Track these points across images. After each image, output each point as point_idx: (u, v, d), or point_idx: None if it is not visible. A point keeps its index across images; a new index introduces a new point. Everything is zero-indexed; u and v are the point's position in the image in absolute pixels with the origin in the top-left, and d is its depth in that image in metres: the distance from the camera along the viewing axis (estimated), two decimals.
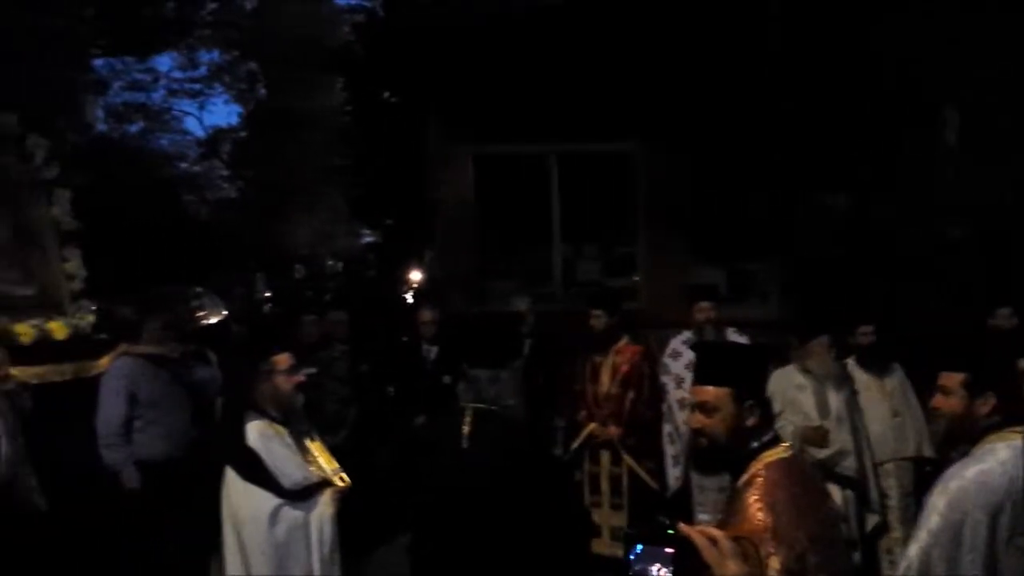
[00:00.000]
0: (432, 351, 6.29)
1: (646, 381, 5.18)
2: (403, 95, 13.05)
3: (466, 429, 3.09)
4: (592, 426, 5.15)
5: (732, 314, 5.74)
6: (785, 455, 2.21)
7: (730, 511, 2.20)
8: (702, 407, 2.25)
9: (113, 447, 4.75)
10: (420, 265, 14.27)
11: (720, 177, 7.77)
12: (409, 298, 13.96)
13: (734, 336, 5.23)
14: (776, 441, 2.24)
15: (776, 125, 7.45)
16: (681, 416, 5.23)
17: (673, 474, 5.24)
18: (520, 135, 7.93)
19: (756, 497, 2.10)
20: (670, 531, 1.52)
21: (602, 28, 7.43)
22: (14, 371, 4.49)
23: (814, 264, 7.59)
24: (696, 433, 2.30)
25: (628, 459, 5.06)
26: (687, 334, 5.37)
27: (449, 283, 8.07)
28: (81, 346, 5.44)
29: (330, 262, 27.52)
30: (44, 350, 5.15)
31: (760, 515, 2.05)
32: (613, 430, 5.08)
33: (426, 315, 6.35)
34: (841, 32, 7.17)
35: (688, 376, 5.19)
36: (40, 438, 4.43)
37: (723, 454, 2.26)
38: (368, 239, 25.48)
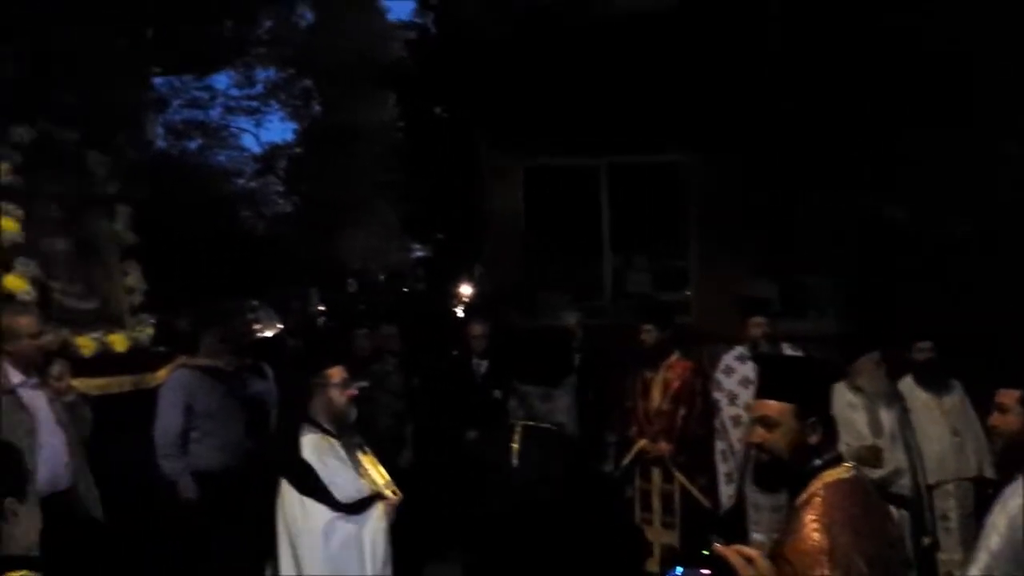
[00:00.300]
0: (483, 365, 6.29)
1: (698, 397, 5.11)
2: (454, 109, 13.14)
3: (516, 447, 3.05)
4: (643, 442, 5.08)
5: (786, 329, 5.64)
6: (847, 475, 2.15)
7: (786, 530, 2.15)
8: (763, 421, 2.21)
9: (170, 458, 4.83)
10: (471, 279, 14.31)
11: (773, 188, 7.65)
12: (460, 312, 14.00)
13: (789, 351, 5.13)
14: (839, 460, 2.18)
15: (831, 134, 7.31)
16: (735, 434, 5.14)
17: (726, 492, 5.14)
18: (570, 147, 7.93)
19: (813, 517, 2.05)
20: (705, 551, 1.49)
21: (651, 40, 7.39)
22: (75, 383, 4.58)
23: (870, 277, 7.41)
24: (757, 448, 2.25)
25: (680, 476, 4.98)
26: (740, 349, 5.29)
27: (499, 296, 8.08)
28: (140, 358, 5.53)
29: (381, 276, 27.79)
30: (105, 362, 5.25)
31: (816, 536, 2.00)
32: (664, 447, 5.01)
33: (476, 329, 6.35)
34: (897, 37, 7.02)
35: (742, 392, 5.12)
36: (99, 449, 4.50)
37: (783, 471, 2.21)
38: (419, 253, 25.66)
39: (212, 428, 4.92)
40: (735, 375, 5.23)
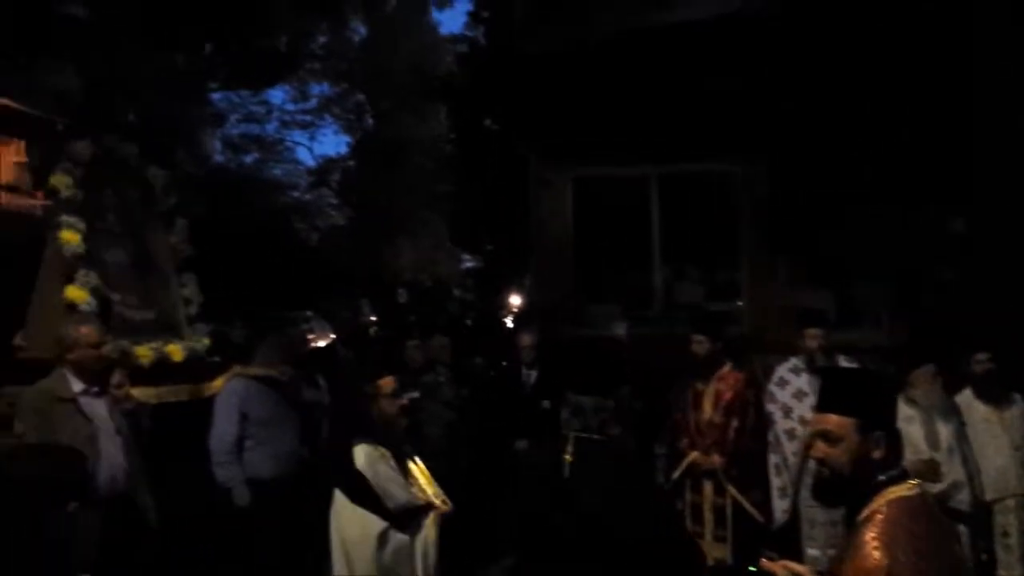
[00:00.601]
0: (532, 376, 6.29)
1: (751, 409, 5.00)
2: (504, 121, 13.21)
3: (568, 459, 3.03)
4: (694, 455, 4.99)
5: (840, 340, 5.50)
6: (911, 493, 2.09)
7: (845, 547, 2.10)
8: (825, 436, 2.16)
9: (225, 465, 4.89)
10: (520, 289, 14.33)
11: (827, 197, 7.51)
12: (509, 322, 14.01)
13: (845, 363, 5.00)
14: (903, 477, 2.12)
15: (886, 141, 7.16)
16: (789, 447, 5.03)
17: (780, 506, 5.01)
18: (620, 158, 7.89)
19: (874, 535, 1.99)
20: (752, 568, 1.46)
21: (703, 49, 7.33)
22: (134, 391, 4.68)
23: (927, 287, 7.23)
24: (818, 463, 2.20)
25: (732, 490, 4.88)
26: (794, 361, 5.18)
27: (548, 307, 8.06)
28: (196, 368, 5.62)
29: (431, 287, 28.00)
30: (162, 371, 5.33)
31: (876, 554, 1.95)
32: (716, 459, 4.92)
33: (525, 339, 6.36)
34: (951, 46, 6.86)
35: (796, 405, 5.02)
36: (156, 456, 4.59)
37: (844, 486, 2.15)
38: (469, 264, 25.82)
39: (266, 436, 4.96)
40: (789, 387, 5.12)
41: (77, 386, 4.07)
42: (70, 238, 5.01)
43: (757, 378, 5.30)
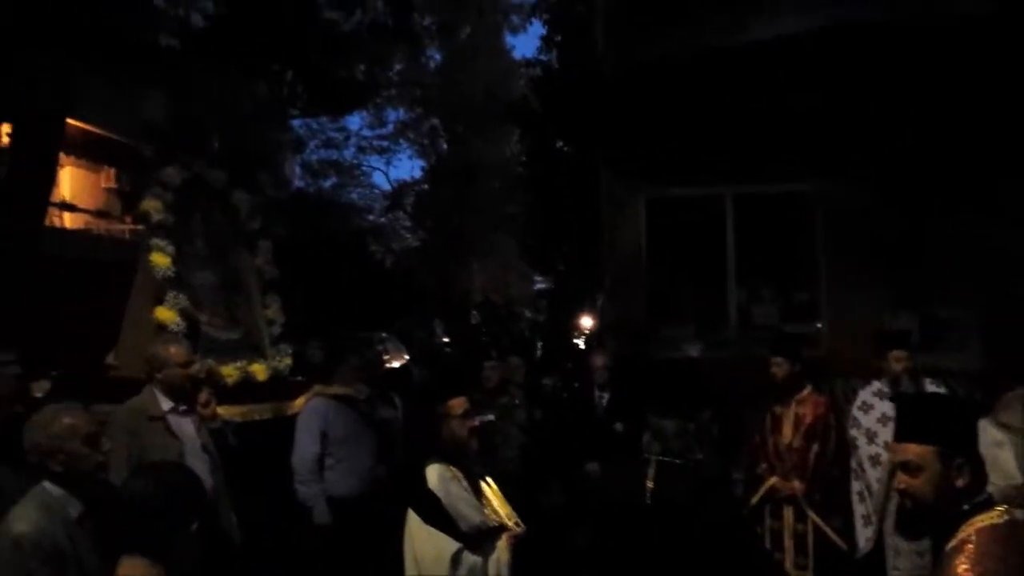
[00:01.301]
0: (604, 398, 6.26)
1: (832, 433, 4.87)
2: (577, 143, 13.26)
3: (650, 484, 2.95)
4: (773, 480, 4.89)
5: (926, 363, 5.32)
6: (1000, 520, 2.01)
7: None
8: (905, 466, 2.10)
9: (306, 483, 4.99)
10: (592, 311, 14.28)
11: (909, 215, 7.31)
12: (581, 344, 13.97)
13: (931, 387, 4.84)
14: (990, 504, 2.05)
15: (973, 158, 6.93)
16: (874, 474, 4.86)
17: (864, 535, 4.84)
18: (694, 178, 7.83)
19: (965, 566, 1.93)
20: None
21: (778, 68, 7.24)
22: (219, 410, 4.80)
23: (1016, 308, 6.93)
24: (900, 494, 2.14)
25: (813, 516, 4.75)
26: (877, 384, 5.02)
27: (620, 328, 8.02)
28: (279, 387, 5.71)
29: (504, 308, 28.12)
30: (247, 390, 5.43)
31: None
32: (796, 485, 4.80)
33: (598, 361, 6.33)
34: None
35: (880, 430, 4.85)
36: (240, 474, 4.71)
37: (930, 517, 2.10)
38: (541, 285, 25.87)
39: (345, 455, 5.05)
40: (873, 412, 4.95)
41: (166, 404, 4.18)
42: (160, 261, 5.17)
43: (838, 401, 5.18)
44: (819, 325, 7.68)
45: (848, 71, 7.13)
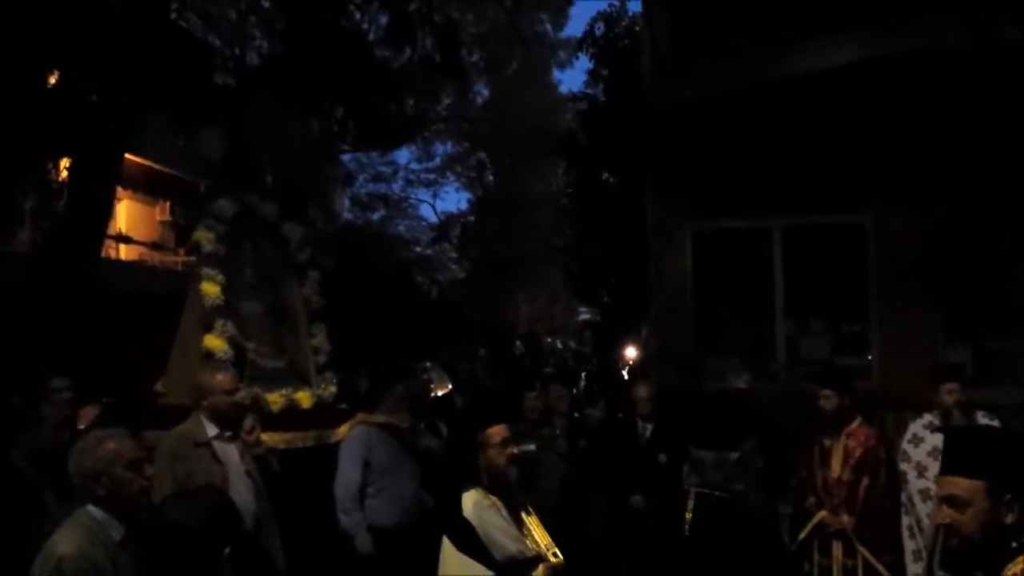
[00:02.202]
0: (648, 428, 6.20)
1: (882, 467, 4.75)
2: (622, 175, 13.29)
3: (689, 515, 2.87)
4: (822, 514, 4.77)
5: (978, 398, 5.18)
6: None
7: None
8: (951, 501, 2.03)
9: (349, 512, 4.97)
10: (636, 342, 14.19)
11: (964, 247, 7.15)
12: (625, 375, 13.86)
13: (984, 420, 4.71)
14: None
15: None
16: (924, 508, 4.73)
17: (913, 571, 4.70)
18: (741, 209, 7.78)
19: None
20: None
21: (825, 100, 7.19)
22: (264, 436, 4.86)
23: None
24: (945, 530, 2.08)
25: (864, 551, 4.63)
26: (928, 417, 4.90)
27: (664, 360, 7.94)
28: (323, 415, 5.74)
29: (548, 339, 28.11)
30: (291, 418, 5.48)
31: None
32: (846, 519, 4.69)
33: (642, 392, 6.28)
34: None
35: (931, 464, 4.73)
36: (283, 500, 4.73)
37: (976, 554, 2.02)
38: (586, 316, 25.83)
39: (388, 483, 5.03)
40: (923, 445, 4.84)
41: (211, 431, 4.23)
42: (210, 290, 5.29)
43: (889, 435, 5.06)
44: (869, 358, 7.53)
45: (898, 101, 7.06)
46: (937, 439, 4.77)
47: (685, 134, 7.84)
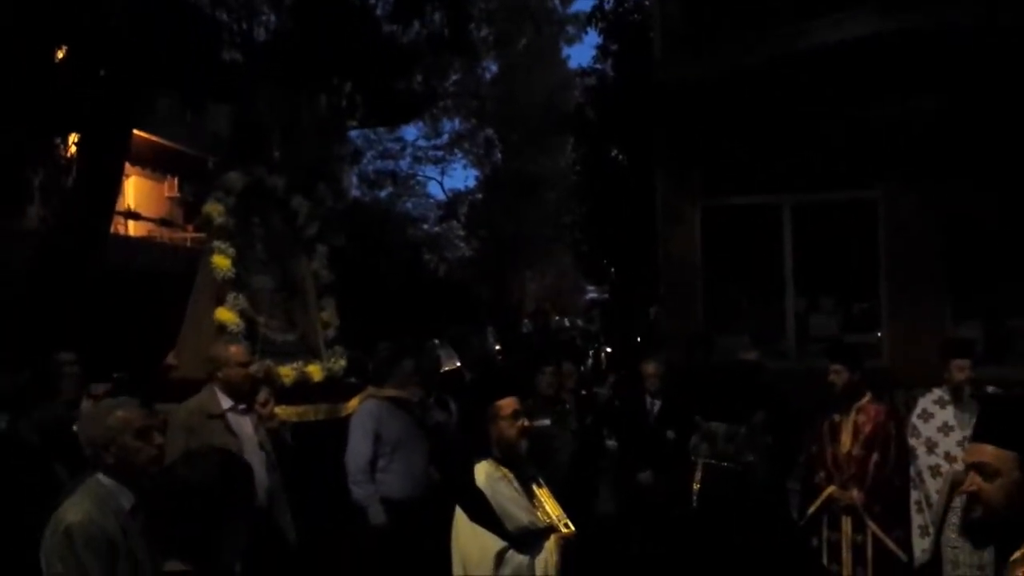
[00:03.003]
0: (656, 405, 6.21)
1: (892, 442, 4.74)
2: (633, 152, 13.22)
3: (696, 487, 2.84)
4: (831, 489, 4.77)
5: (989, 375, 5.18)
6: None
7: None
8: (980, 469, 1.99)
9: (361, 484, 5.01)
10: (645, 320, 14.19)
11: (975, 224, 7.11)
12: (633, 353, 13.85)
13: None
14: None
15: None
16: (933, 484, 4.73)
17: (920, 545, 4.70)
18: (751, 186, 7.75)
19: None
20: None
21: (837, 75, 7.13)
22: (276, 410, 4.87)
23: None
24: (969, 498, 2.04)
25: (874, 526, 4.64)
26: (938, 392, 4.89)
27: (674, 337, 7.95)
28: (334, 388, 5.78)
29: (556, 318, 28.11)
30: (303, 391, 5.52)
31: None
32: (855, 494, 4.69)
33: (650, 368, 6.28)
34: None
35: (941, 440, 4.74)
36: (295, 474, 4.74)
37: (999, 526, 1.99)
38: (594, 295, 25.82)
39: (398, 457, 5.08)
40: (933, 421, 4.83)
41: (225, 403, 4.27)
42: (221, 263, 5.30)
43: (898, 411, 5.06)
44: (879, 335, 7.52)
45: (911, 77, 6.99)
46: (947, 415, 4.78)
47: (695, 110, 7.79)
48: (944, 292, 7.19)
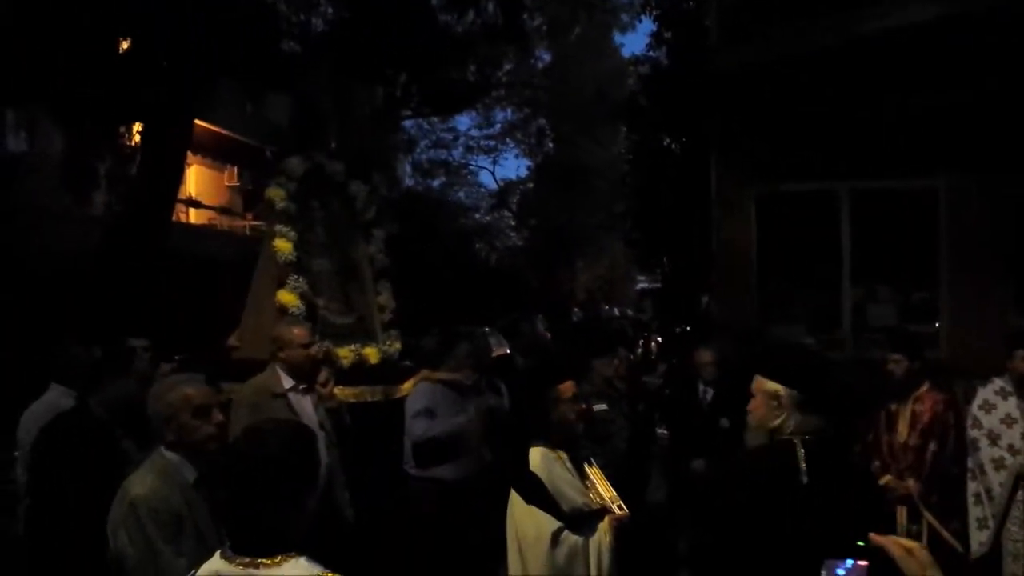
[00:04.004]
0: (709, 393, 6.19)
1: (951, 432, 4.69)
2: (685, 139, 13.12)
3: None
4: (888, 478, 4.74)
5: None
6: None
7: None
8: None
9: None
10: (699, 309, 14.10)
11: None
12: (687, 342, 13.77)
13: None
14: None
15: None
16: (996, 477, 4.60)
17: (978, 538, 4.61)
18: (807, 173, 7.63)
19: None
20: (861, 543, 1.42)
21: (895, 61, 6.98)
22: (335, 390, 5.02)
23: None
24: None
25: (930, 517, 4.58)
26: (999, 382, 4.76)
27: (728, 327, 7.88)
28: (389, 370, 5.89)
29: (606, 307, 28.05)
30: (360, 373, 5.64)
31: None
32: (912, 484, 4.64)
33: (705, 356, 6.26)
34: None
35: (1004, 432, 4.64)
36: (352, 453, 4.84)
37: None
38: (644, 285, 25.69)
39: (452, 438, 5.19)
40: (996, 412, 4.71)
41: (287, 383, 4.38)
42: (283, 247, 5.43)
43: (957, 401, 4.97)
44: (937, 325, 7.37)
45: (974, 62, 6.81)
46: (1010, 406, 4.67)
47: (751, 96, 7.70)
48: (1005, 282, 7.00)
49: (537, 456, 3.51)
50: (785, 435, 2.67)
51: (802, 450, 2.63)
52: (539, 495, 3.41)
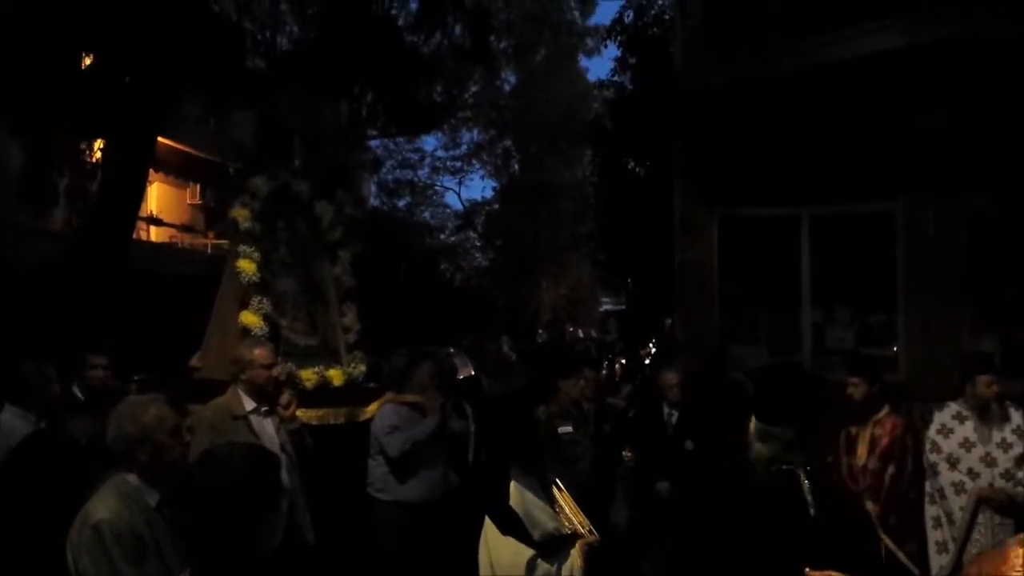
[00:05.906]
0: (673, 415, 6.22)
1: (909, 456, 4.76)
2: (650, 163, 13.29)
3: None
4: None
5: (1008, 390, 5.11)
6: None
7: None
8: None
9: (377, 489, 5.11)
10: (661, 330, 14.21)
11: (994, 239, 7.08)
12: (649, 363, 13.87)
13: (1015, 413, 4.66)
14: None
15: None
16: (957, 501, 4.62)
17: (938, 561, 4.65)
18: (769, 197, 7.76)
19: None
20: None
21: (857, 87, 7.15)
22: (298, 412, 4.94)
23: None
24: None
25: (887, 540, 4.65)
26: (955, 407, 4.79)
27: (690, 348, 7.95)
28: (354, 392, 5.80)
29: (571, 328, 28.14)
30: (323, 395, 5.54)
31: None
32: (871, 506, 4.71)
33: (669, 378, 6.28)
34: None
35: (964, 456, 4.66)
36: (315, 476, 4.80)
37: None
38: (609, 306, 25.85)
39: (416, 461, 5.15)
40: (954, 436, 4.75)
41: (249, 404, 4.31)
42: (247, 267, 5.36)
43: (915, 425, 5.05)
44: (895, 348, 7.49)
45: (933, 90, 6.99)
46: (967, 430, 4.71)
47: (714, 121, 7.82)
48: (962, 305, 7.14)
49: (514, 488, 3.49)
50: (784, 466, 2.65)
51: (807, 481, 2.61)
52: (512, 523, 3.41)
